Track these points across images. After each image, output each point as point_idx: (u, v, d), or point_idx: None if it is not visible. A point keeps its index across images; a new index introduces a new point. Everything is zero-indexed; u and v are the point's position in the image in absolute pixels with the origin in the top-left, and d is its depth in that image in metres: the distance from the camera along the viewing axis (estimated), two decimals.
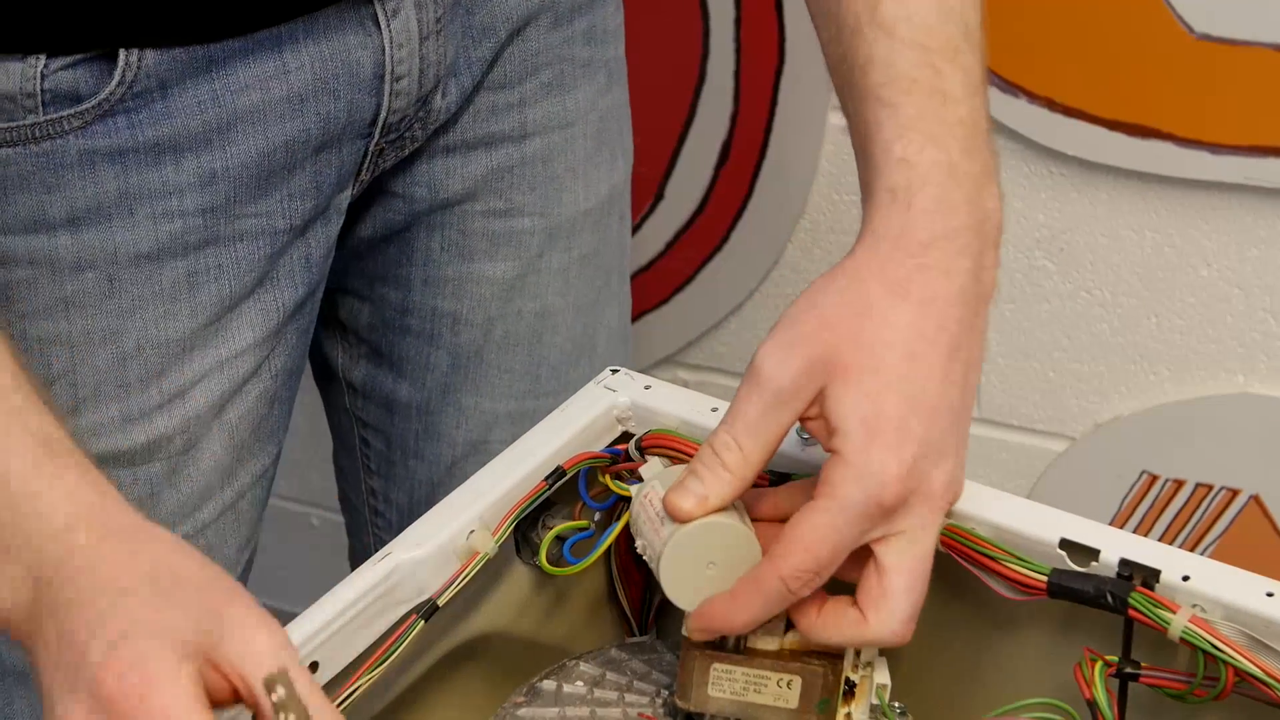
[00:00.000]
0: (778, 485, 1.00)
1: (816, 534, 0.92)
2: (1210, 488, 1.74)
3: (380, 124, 1.17)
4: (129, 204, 1.10)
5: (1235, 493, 1.73)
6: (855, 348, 0.93)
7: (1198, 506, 1.75)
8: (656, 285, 1.43)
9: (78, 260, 1.10)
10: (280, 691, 0.78)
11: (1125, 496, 1.78)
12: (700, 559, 0.95)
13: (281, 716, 0.78)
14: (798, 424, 0.95)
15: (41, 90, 1.05)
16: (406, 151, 1.22)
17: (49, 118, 1.06)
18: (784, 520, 0.96)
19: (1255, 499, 1.73)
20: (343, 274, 1.30)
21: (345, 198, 1.21)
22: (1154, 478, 1.76)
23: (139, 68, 1.06)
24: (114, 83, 1.06)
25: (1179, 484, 1.75)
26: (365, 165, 1.20)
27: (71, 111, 1.06)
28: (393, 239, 1.29)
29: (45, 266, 1.10)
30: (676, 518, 0.94)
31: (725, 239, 1.86)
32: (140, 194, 1.10)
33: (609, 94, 1.33)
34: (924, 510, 0.93)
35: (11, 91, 1.05)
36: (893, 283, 0.94)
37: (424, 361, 1.33)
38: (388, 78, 1.15)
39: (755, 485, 0.96)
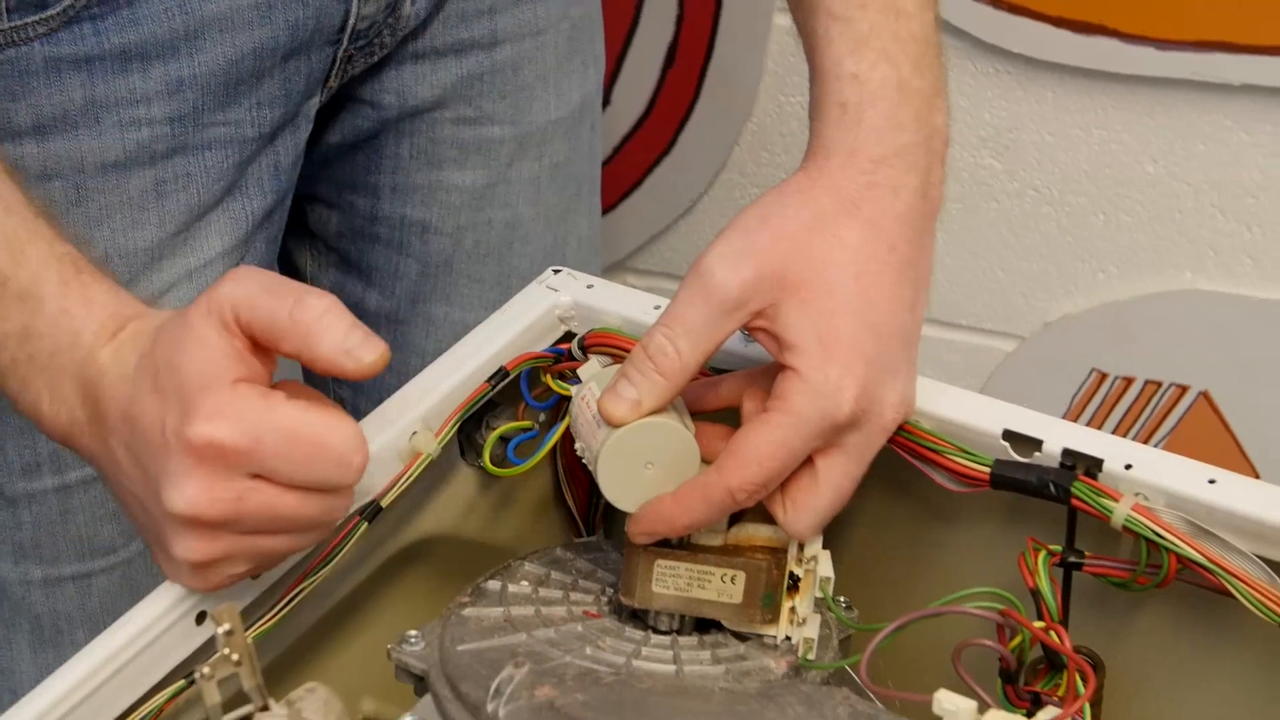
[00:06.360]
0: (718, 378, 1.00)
1: (769, 448, 0.92)
2: (1159, 384, 1.75)
3: (349, 30, 1.16)
4: (95, 112, 1.09)
5: (1184, 389, 1.74)
6: (808, 264, 0.93)
7: (1147, 403, 1.76)
8: (604, 191, 1.43)
9: (44, 169, 1.09)
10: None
11: (1075, 394, 1.78)
12: (638, 460, 0.95)
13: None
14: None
15: None
16: (375, 58, 1.21)
17: (14, 24, 1.05)
18: (728, 410, 0.96)
19: (1204, 395, 1.73)
20: (311, 181, 1.29)
21: (314, 105, 1.20)
22: (1103, 375, 1.76)
23: None
24: None
25: (1128, 381, 1.76)
26: (334, 72, 1.19)
27: (37, 18, 1.05)
28: (361, 146, 1.28)
29: None
30: (610, 423, 0.94)
31: (672, 143, 1.85)
32: (107, 102, 1.09)
33: (580, 2, 1.31)
34: (871, 430, 0.94)
35: None
36: (844, 200, 0.94)
37: (393, 270, 1.32)
38: None
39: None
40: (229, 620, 0.79)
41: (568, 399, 1.02)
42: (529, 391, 1.05)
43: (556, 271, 1.10)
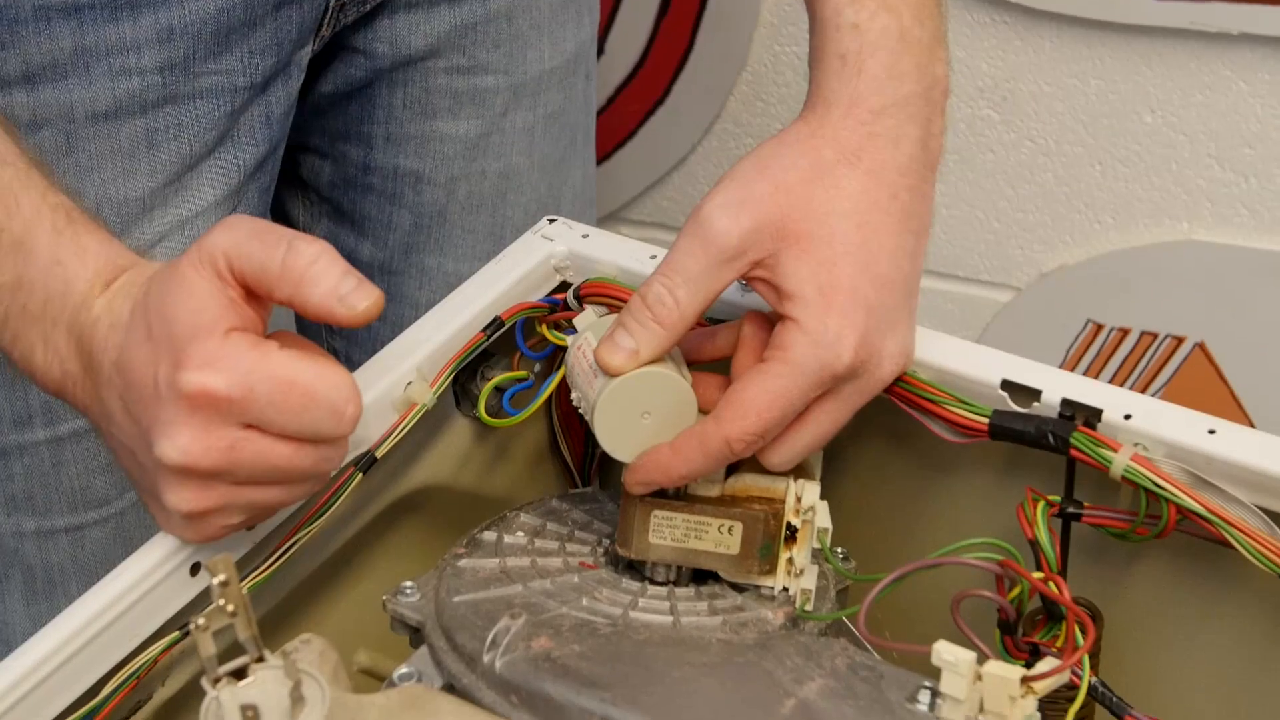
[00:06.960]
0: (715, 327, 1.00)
1: (767, 398, 0.91)
2: (1155, 335, 1.74)
3: None
4: (85, 61, 1.08)
5: (1180, 340, 1.73)
6: (808, 214, 0.92)
7: (1143, 354, 1.75)
8: (598, 141, 1.42)
9: (34, 118, 1.09)
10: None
11: (1071, 346, 1.78)
12: (635, 409, 0.94)
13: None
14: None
15: None
16: (368, 7, 1.21)
17: None
18: (726, 360, 0.96)
19: (1200, 346, 1.73)
20: (304, 131, 1.28)
21: (306, 54, 1.19)
22: (1099, 326, 1.76)
23: None
24: None
25: (1124, 332, 1.75)
26: (326, 20, 1.18)
27: None
28: (354, 95, 1.27)
29: None
30: (607, 372, 0.94)
31: (666, 93, 1.84)
32: (97, 50, 1.08)
33: None
34: (868, 380, 0.94)
35: None
36: (845, 150, 0.94)
37: (386, 220, 1.31)
38: None
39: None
40: (224, 571, 0.79)
41: (563, 349, 1.02)
42: (524, 341, 1.05)
43: (552, 221, 1.10)
